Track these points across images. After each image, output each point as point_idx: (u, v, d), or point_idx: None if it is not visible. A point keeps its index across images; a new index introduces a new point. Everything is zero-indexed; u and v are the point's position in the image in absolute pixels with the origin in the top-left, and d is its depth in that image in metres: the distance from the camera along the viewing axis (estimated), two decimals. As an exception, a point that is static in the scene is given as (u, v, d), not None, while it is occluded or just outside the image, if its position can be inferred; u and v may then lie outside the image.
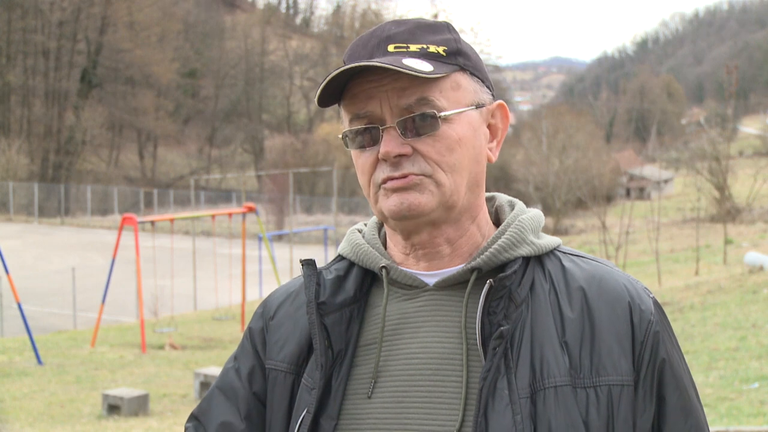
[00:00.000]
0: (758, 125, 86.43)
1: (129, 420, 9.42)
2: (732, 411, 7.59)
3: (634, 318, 1.22)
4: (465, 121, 1.23)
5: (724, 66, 34.01)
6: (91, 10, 55.54)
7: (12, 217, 41.38)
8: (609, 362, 1.19)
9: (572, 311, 1.22)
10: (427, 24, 1.26)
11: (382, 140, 1.21)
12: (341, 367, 1.26)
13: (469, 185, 1.25)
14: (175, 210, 41.19)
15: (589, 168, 40.58)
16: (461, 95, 1.23)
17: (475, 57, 1.27)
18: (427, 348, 1.23)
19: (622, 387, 1.19)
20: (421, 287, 1.26)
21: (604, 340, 1.20)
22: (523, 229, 1.26)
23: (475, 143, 1.25)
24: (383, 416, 1.22)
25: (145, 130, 59.43)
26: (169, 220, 18.71)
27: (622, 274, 1.28)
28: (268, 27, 70.76)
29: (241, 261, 17.59)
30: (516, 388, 1.16)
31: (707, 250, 25.29)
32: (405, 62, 1.18)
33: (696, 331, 12.21)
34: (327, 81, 1.19)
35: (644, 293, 1.26)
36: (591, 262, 1.29)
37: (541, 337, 1.20)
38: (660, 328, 1.24)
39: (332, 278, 1.31)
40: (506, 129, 1.30)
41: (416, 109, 1.20)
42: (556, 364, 1.18)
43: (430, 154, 1.21)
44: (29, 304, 16.46)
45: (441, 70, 1.21)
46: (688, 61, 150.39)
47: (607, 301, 1.23)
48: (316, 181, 48.83)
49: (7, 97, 53.24)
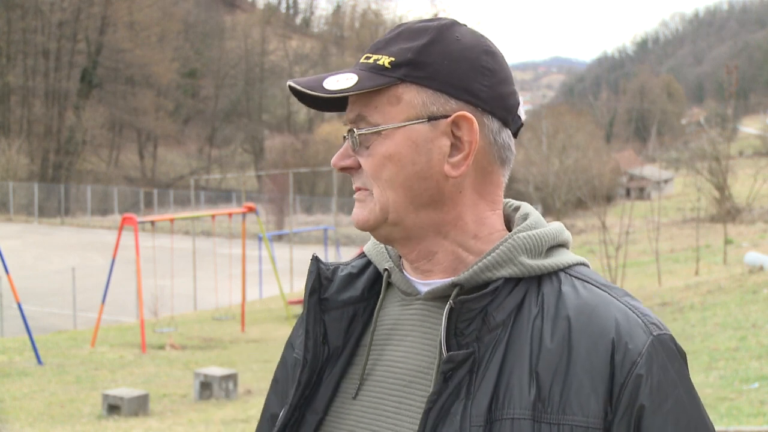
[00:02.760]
0: (758, 125, 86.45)
1: (129, 420, 9.42)
2: (732, 411, 7.59)
3: (616, 356, 1.11)
4: (402, 137, 1.18)
5: (724, 66, 34.04)
6: (91, 10, 55.57)
7: (12, 217, 41.39)
8: (576, 401, 1.10)
9: (552, 341, 1.13)
10: (411, 29, 1.22)
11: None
12: (335, 364, 1.26)
13: (417, 203, 1.19)
14: (175, 210, 41.21)
15: (589, 168, 40.60)
16: (399, 110, 1.18)
17: (442, 64, 1.18)
18: (407, 357, 1.21)
19: (586, 429, 1.10)
20: (414, 295, 1.25)
21: (577, 375, 1.11)
22: (513, 248, 1.19)
23: (416, 159, 1.18)
24: (360, 419, 1.22)
25: (145, 130, 59.45)
26: (169, 220, 18.72)
27: (622, 306, 1.16)
28: (268, 27, 70.80)
29: (241, 261, 17.59)
30: (470, 415, 1.11)
31: (707, 250, 25.29)
32: (329, 79, 1.19)
33: (696, 331, 12.21)
34: (291, 91, 1.24)
35: (641, 330, 1.14)
36: (594, 290, 1.18)
37: (512, 363, 1.13)
38: (646, 371, 1.11)
39: (344, 275, 1.31)
40: (475, 141, 1.18)
41: (356, 123, 1.21)
42: (520, 395, 1.11)
43: (367, 170, 1.20)
44: (29, 304, 16.46)
45: (369, 84, 1.17)
46: (688, 61, 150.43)
47: (590, 334, 1.12)
48: (316, 181, 48.85)
49: (7, 97, 53.26)
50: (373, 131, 1.19)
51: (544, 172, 41.22)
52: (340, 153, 1.23)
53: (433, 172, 1.19)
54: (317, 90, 1.19)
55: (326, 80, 1.20)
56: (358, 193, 1.23)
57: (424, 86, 1.18)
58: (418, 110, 1.18)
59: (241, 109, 65.56)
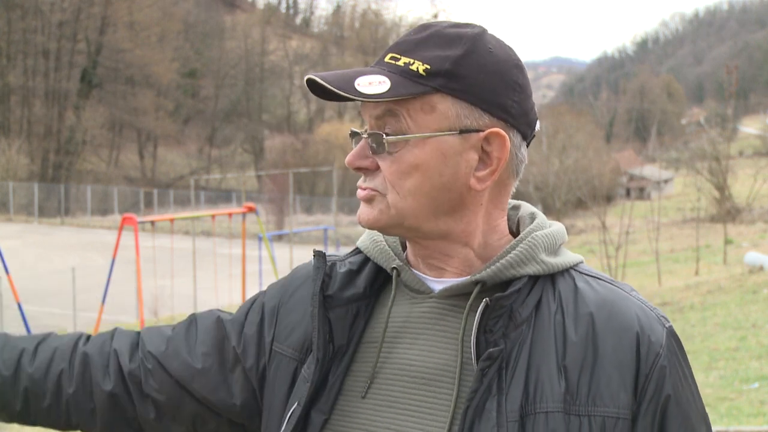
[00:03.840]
0: (758, 125, 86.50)
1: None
2: (732, 411, 7.59)
3: (641, 349, 1.17)
4: (431, 147, 1.16)
5: (724, 66, 34.05)
6: (91, 10, 55.57)
7: (12, 217, 41.39)
8: (607, 392, 1.14)
9: (576, 335, 1.17)
10: (444, 35, 1.19)
11: (354, 148, 1.22)
12: (340, 363, 1.25)
13: (438, 211, 1.20)
14: (175, 210, 41.20)
15: (589, 168, 40.61)
16: (432, 119, 1.16)
17: (477, 78, 1.17)
18: (424, 356, 1.21)
19: (617, 420, 1.14)
20: (427, 293, 1.24)
21: (605, 368, 1.15)
22: (534, 246, 1.21)
23: (443, 170, 1.17)
24: (374, 418, 1.21)
25: (145, 130, 59.47)
26: (169, 220, 18.71)
27: (636, 302, 1.22)
28: (268, 27, 70.82)
29: (241, 261, 17.60)
30: (505, 410, 1.13)
31: (707, 250, 25.29)
32: (361, 80, 1.16)
33: (696, 331, 12.21)
34: (307, 84, 1.19)
35: (657, 323, 1.20)
36: (607, 285, 1.23)
37: (539, 358, 1.16)
38: (668, 362, 1.18)
39: (344, 271, 1.30)
40: (504, 159, 1.19)
41: (384, 118, 1.18)
42: (551, 389, 1.14)
43: (387, 174, 1.18)
44: (29, 304, 16.45)
45: (405, 91, 1.15)
46: (688, 61, 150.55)
47: (614, 328, 1.17)
48: (316, 181, 48.87)
49: (7, 97, 53.26)
50: (400, 139, 1.17)
51: (544, 172, 41.20)
52: (357, 153, 1.21)
53: (459, 185, 1.19)
54: (350, 92, 1.15)
55: (357, 81, 1.16)
56: (366, 193, 1.21)
57: (459, 98, 1.17)
58: (451, 122, 1.17)
59: (241, 109, 65.57)
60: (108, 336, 1.46)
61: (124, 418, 1.42)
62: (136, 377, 1.40)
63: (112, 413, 1.42)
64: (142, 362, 1.40)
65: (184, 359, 1.39)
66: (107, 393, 1.40)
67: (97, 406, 1.41)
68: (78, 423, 1.43)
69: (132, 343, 1.44)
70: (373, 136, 1.19)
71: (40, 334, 1.50)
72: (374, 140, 1.18)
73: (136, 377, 1.40)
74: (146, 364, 1.40)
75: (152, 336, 1.43)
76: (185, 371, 1.38)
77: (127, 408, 1.41)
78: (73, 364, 1.42)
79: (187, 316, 1.46)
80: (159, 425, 1.42)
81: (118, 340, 1.44)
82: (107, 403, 1.41)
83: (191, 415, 1.40)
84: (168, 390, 1.39)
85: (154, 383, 1.39)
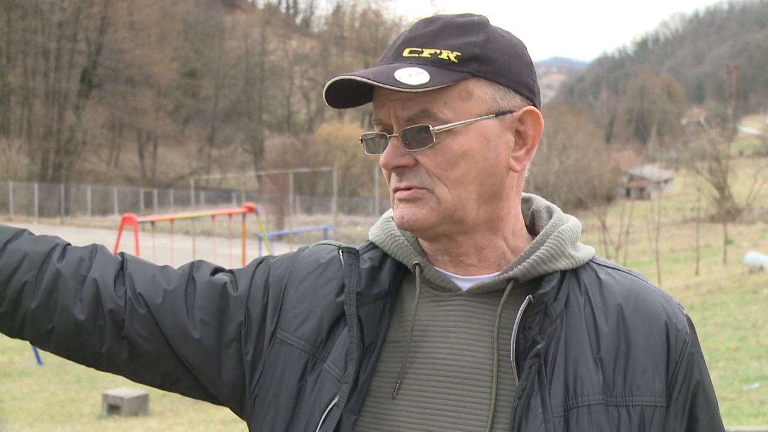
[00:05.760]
0: (758, 125, 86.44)
1: (129, 420, 9.42)
2: (732, 411, 7.59)
3: (670, 338, 1.21)
4: (474, 132, 1.17)
5: (724, 66, 34.07)
6: (91, 10, 55.55)
7: (12, 217, 41.37)
8: (643, 382, 1.17)
9: (608, 326, 1.19)
10: (455, 24, 1.19)
11: (385, 149, 1.19)
12: (369, 362, 1.22)
13: (481, 199, 1.19)
14: (175, 210, 41.19)
15: (589, 168, 40.57)
16: (471, 105, 1.17)
17: (503, 60, 1.19)
18: (456, 355, 1.20)
19: (654, 408, 1.17)
20: (453, 291, 1.23)
21: (639, 358, 1.18)
22: (563, 241, 1.23)
23: (487, 155, 1.18)
24: (407, 419, 1.19)
25: (145, 130, 59.46)
26: (169, 220, 18.72)
27: (656, 290, 1.26)
28: (268, 27, 70.82)
29: (241, 261, 17.60)
30: (550, 406, 1.14)
31: (707, 250, 25.27)
32: (400, 73, 1.14)
33: (696, 331, 12.20)
34: (326, 88, 1.17)
35: (679, 311, 1.25)
36: (626, 276, 1.27)
37: (575, 353, 1.17)
38: (695, 349, 1.23)
39: (367, 268, 1.27)
40: (539, 136, 1.22)
41: (418, 120, 1.16)
42: (590, 382, 1.16)
43: (431, 168, 1.17)
44: (29, 304, 16.46)
45: (446, 79, 1.15)
46: (688, 61, 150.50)
47: (643, 318, 1.21)
48: (316, 181, 48.83)
49: (7, 97, 53.24)
50: (446, 128, 1.16)
51: (544, 172, 41.17)
52: (392, 152, 1.19)
53: (500, 168, 1.21)
54: (395, 85, 1.13)
55: (397, 74, 1.15)
56: (411, 192, 1.19)
57: (493, 81, 1.19)
58: (488, 105, 1.19)
59: (241, 109, 65.52)
60: (86, 256, 1.34)
61: (84, 349, 1.32)
62: (119, 316, 1.30)
63: (73, 341, 1.31)
64: (131, 303, 1.30)
65: (181, 322, 1.30)
66: (75, 320, 1.29)
67: (58, 328, 1.30)
68: (31, 338, 1.33)
69: (116, 275, 1.32)
70: (414, 131, 1.17)
71: (14, 228, 1.37)
72: (415, 135, 1.17)
73: (118, 316, 1.30)
74: (137, 308, 1.30)
75: (142, 276, 1.33)
76: (179, 335, 1.30)
77: (92, 341, 1.31)
78: (41, 279, 1.30)
79: (184, 267, 1.36)
80: (126, 366, 1.33)
81: (98, 268, 1.32)
82: (71, 329, 1.30)
83: (167, 371, 1.33)
84: (154, 343, 1.31)
85: (141, 330, 1.30)
